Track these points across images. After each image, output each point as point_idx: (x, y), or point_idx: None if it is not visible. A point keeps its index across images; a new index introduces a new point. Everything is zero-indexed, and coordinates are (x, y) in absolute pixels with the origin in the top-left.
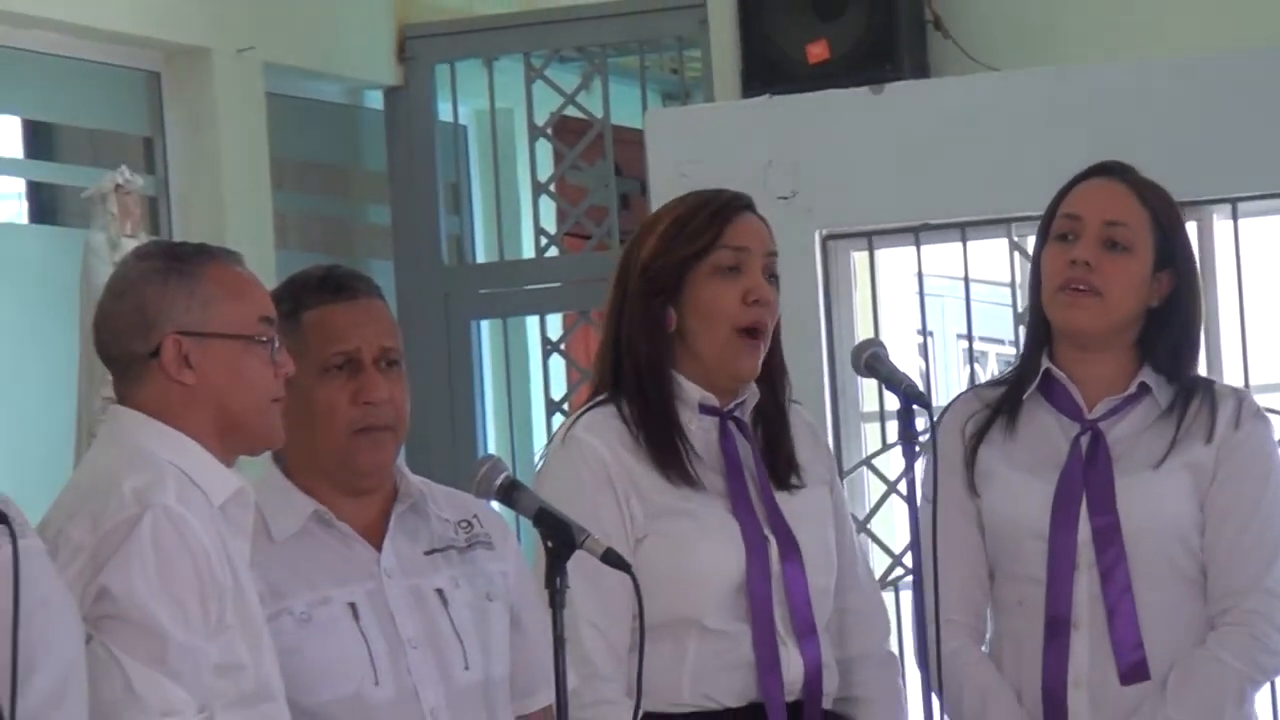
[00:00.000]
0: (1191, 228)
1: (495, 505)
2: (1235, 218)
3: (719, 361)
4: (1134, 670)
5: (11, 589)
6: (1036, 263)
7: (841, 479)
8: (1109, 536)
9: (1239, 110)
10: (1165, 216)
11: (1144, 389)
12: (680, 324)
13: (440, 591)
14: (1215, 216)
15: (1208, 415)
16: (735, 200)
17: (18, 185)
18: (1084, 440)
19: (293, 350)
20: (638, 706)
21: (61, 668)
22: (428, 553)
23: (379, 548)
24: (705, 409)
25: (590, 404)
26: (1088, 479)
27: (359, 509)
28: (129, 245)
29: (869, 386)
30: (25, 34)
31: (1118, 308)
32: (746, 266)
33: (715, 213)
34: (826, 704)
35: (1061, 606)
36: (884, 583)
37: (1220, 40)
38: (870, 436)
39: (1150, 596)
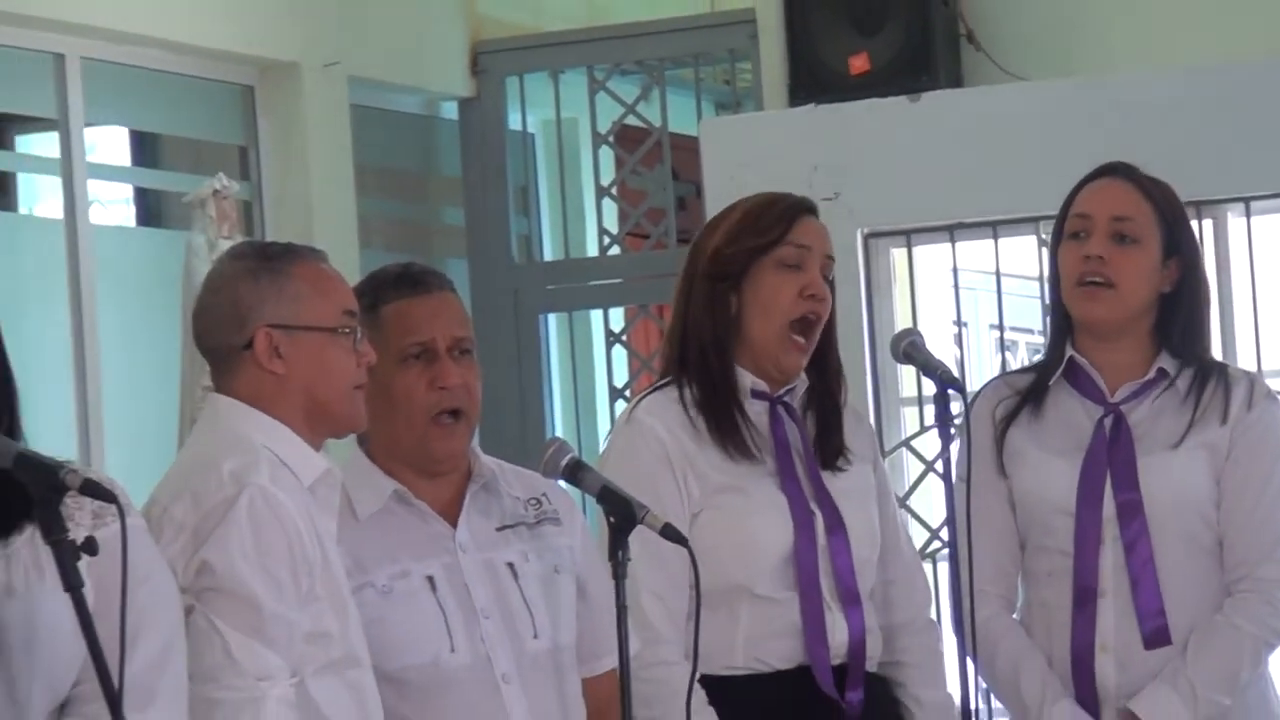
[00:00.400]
0: (1208, 225)
1: (562, 484)
2: (1248, 215)
3: (768, 353)
4: (1156, 635)
5: (120, 563)
6: (1054, 260)
7: (883, 459)
8: (1132, 512)
9: (1250, 116)
10: (1169, 209)
11: (1162, 374)
12: (739, 311)
13: (511, 565)
14: (1229, 214)
15: (1222, 397)
16: (802, 203)
17: (125, 191)
18: (1107, 422)
19: (373, 341)
20: (695, 669)
21: (163, 637)
22: (499, 529)
23: (455, 524)
24: (756, 394)
25: (653, 387)
26: (1111, 458)
27: (436, 488)
28: (225, 246)
29: (907, 373)
30: (132, 51)
31: (1131, 296)
32: (806, 264)
33: (784, 211)
34: (871, 667)
35: (1089, 577)
36: (922, 555)
37: (1231, 51)
38: (909, 419)
39: (1171, 567)
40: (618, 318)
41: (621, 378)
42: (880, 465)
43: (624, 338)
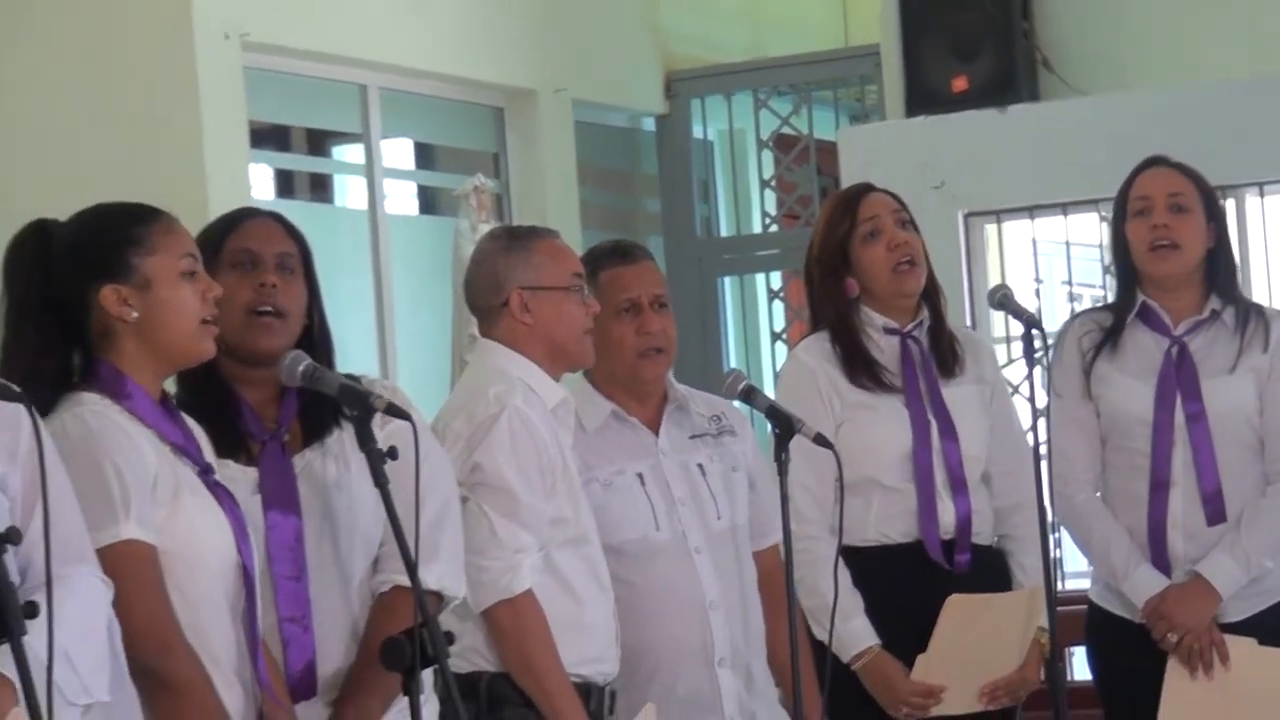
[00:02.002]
0: (1231, 204)
1: (737, 404)
2: (1262, 196)
3: (889, 292)
4: (1216, 515)
5: (414, 453)
6: (1117, 231)
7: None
8: (1197, 420)
9: (1264, 118)
10: (1203, 185)
11: (1214, 313)
12: (860, 283)
13: (700, 465)
14: (1248, 195)
15: (1263, 331)
16: (859, 188)
17: (410, 188)
18: (1174, 351)
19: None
20: (840, 542)
21: (440, 502)
22: (691, 438)
23: (657, 434)
24: (888, 330)
25: (810, 332)
26: (1179, 379)
27: (643, 408)
28: (484, 229)
29: (997, 318)
30: (415, 81)
31: (1191, 252)
32: (882, 227)
33: (846, 201)
34: (983, 541)
35: (1163, 471)
36: None
37: (1251, 66)
38: (999, 354)
39: (1225, 462)
40: (776, 279)
41: (779, 325)
42: (999, 382)
43: (781, 294)
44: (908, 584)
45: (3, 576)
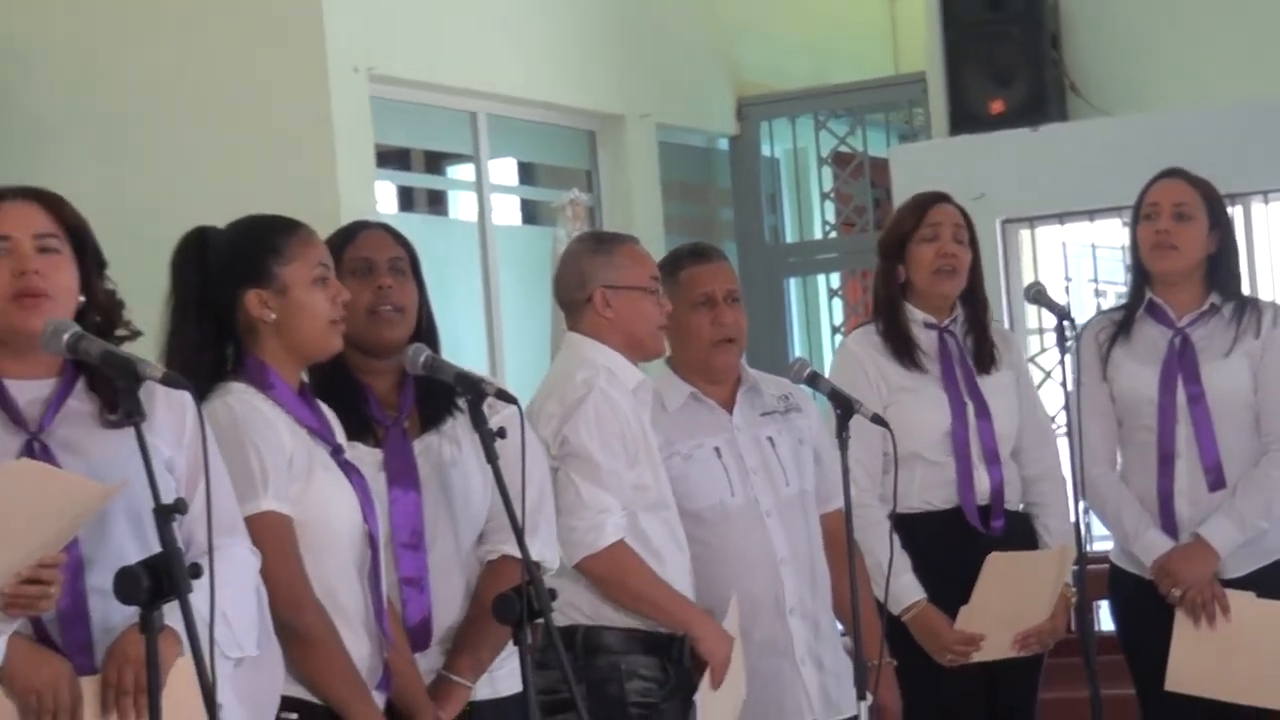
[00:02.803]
0: (1239, 210)
1: (802, 387)
2: (1266, 203)
3: (928, 291)
4: (1216, 483)
5: (520, 431)
6: (1134, 234)
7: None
8: (1197, 400)
9: (1269, 133)
10: (1210, 196)
11: (1213, 307)
12: (907, 274)
13: (770, 438)
14: (1254, 202)
15: (1255, 320)
16: (932, 196)
17: (514, 202)
18: (1177, 340)
19: (673, 295)
20: (894, 509)
21: (538, 486)
22: (762, 415)
23: (731, 413)
24: (928, 325)
25: (860, 324)
26: (1181, 364)
27: (719, 390)
28: None
29: (1032, 311)
30: (517, 109)
31: (1189, 254)
32: (940, 235)
33: (920, 204)
34: (1013, 507)
35: (1169, 445)
36: None
37: (1256, 87)
38: (1033, 343)
39: (1224, 436)
40: (835, 280)
41: (838, 320)
42: (1024, 371)
43: (839, 293)
44: (948, 546)
45: (171, 543)
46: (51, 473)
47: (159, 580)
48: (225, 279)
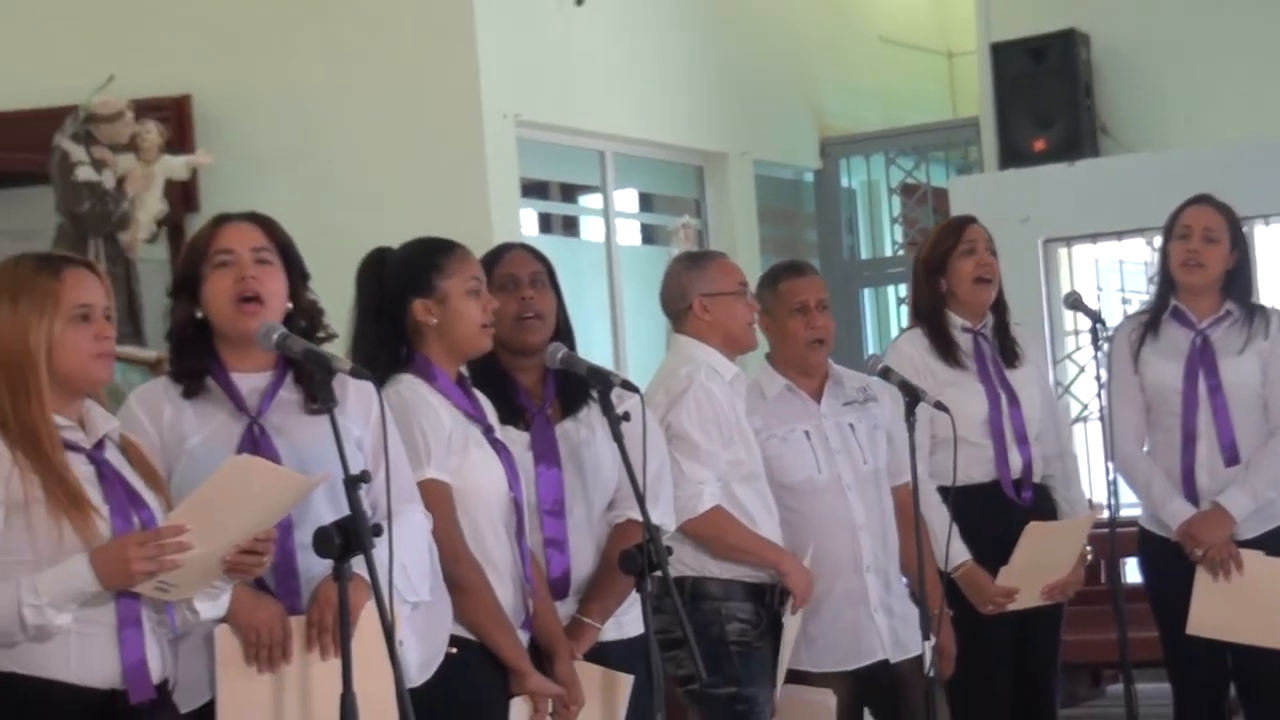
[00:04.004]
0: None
1: (876, 379)
2: (1267, 225)
3: (968, 298)
4: (1231, 459)
5: (643, 415)
6: (1164, 251)
7: (1054, 365)
8: (1216, 390)
9: (1266, 166)
10: (1233, 221)
11: (1229, 312)
12: (948, 285)
13: (851, 424)
14: (1256, 225)
15: (1265, 325)
16: (966, 218)
17: (635, 226)
18: (1197, 340)
19: (773, 303)
20: (954, 481)
21: (659, 462)
22: (844, 404)
23: (819, 402)
24: (964, 329)
25: (908, 328)
26: (1202, 360)
27: (809, 383)
28: None
29: (1069, 316)
30: (639, 147)
31: (1213, 270)
32: (977, 249)
33: (956, 225)
34: (1037, 479)
35: (1192, 427)
36: (1077, 419)
37: (1256, 127)
38: (1069, 343)
39: (1238, 420)
40: (902, 290)
41: (904, 324)
42: (1044, 366)
43: (906, 301)
44: (988, 513)
45: (358, 508)
46: (272, 468)
47: (348, 538)
48: (397, 290)
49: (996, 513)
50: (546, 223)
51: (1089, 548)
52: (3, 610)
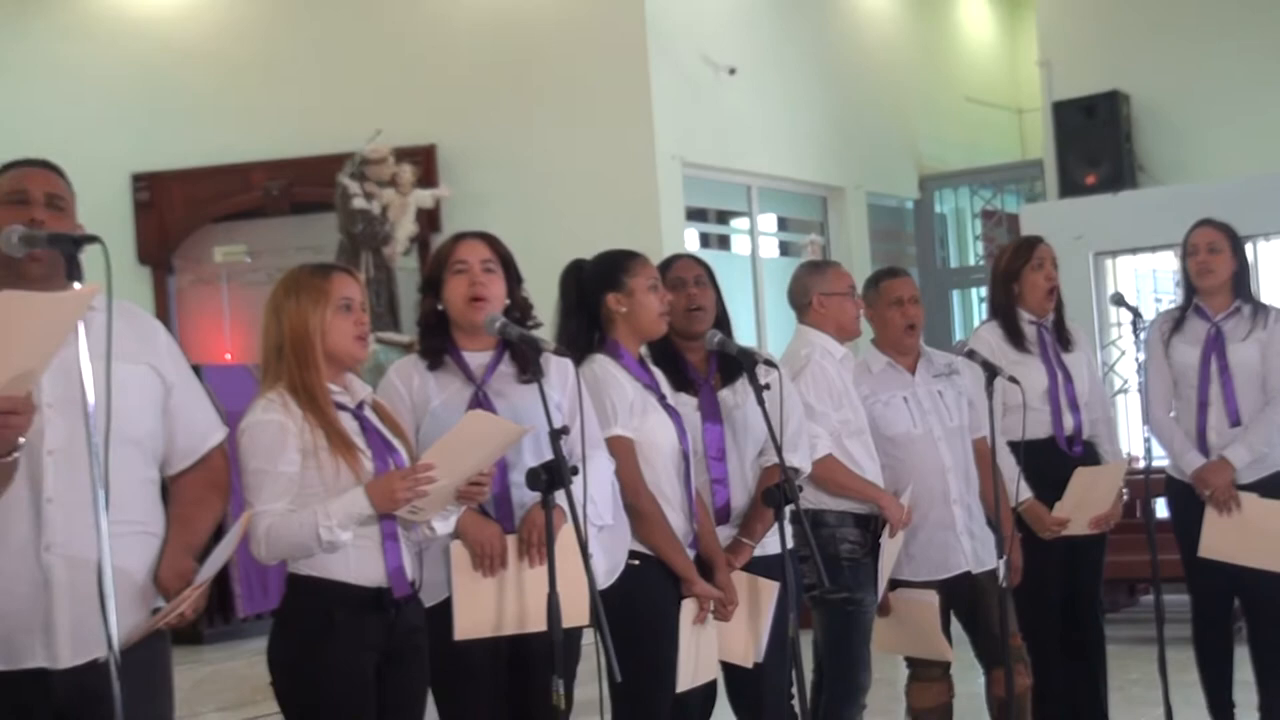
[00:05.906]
0: (1249, 246)
1: (961, 359)
2: (1268, 241)
3: (1038, 304)
4: (1235, 422)
5: (779, 385)
6: (1184, 262)
7: (1101, 350)
8: (1225, 370)
9: (1269, 196)
10: (1231, 234)
11: (1237, 309)
12: (1019, 290)
13: (939, 391)
14: (1260, 241)
15: (1265, 318)
16: (1036, 238)
17: (775, 243)
18: (1213, 330)
19: (877, 299)
20: (1023, 435)
21: (796, 418)
22: (934, 376)
23: (914, 375)
24: (1030, 322)
25: (987, 320)
26: (1215, 346)
27: (906, 360)
28: None
29: (1114, 311)
30: (772, 182)
31: (1221, 274)
32: (1045, 265)
33: (1029, 243)
34: (1085, 437)
35: (1205, 397)
36: (1119, 391)
37: (1259, 168)
38: (1113, 332)
39: (1241, 392)
40: (983, 292)
41: (984, 317)
42: (1091, 351)
43: (985, 300)
44: (1046, 462)
45: (559, 453)
46: (494, 419)
47: (552, 476)
48: (594, 287)
49: (1053, 462)
50: (705, 240)
51: (1125, 489)
52: (305, 531)
